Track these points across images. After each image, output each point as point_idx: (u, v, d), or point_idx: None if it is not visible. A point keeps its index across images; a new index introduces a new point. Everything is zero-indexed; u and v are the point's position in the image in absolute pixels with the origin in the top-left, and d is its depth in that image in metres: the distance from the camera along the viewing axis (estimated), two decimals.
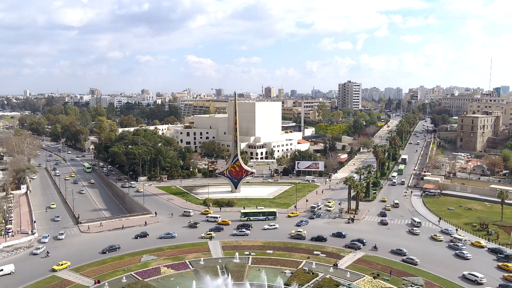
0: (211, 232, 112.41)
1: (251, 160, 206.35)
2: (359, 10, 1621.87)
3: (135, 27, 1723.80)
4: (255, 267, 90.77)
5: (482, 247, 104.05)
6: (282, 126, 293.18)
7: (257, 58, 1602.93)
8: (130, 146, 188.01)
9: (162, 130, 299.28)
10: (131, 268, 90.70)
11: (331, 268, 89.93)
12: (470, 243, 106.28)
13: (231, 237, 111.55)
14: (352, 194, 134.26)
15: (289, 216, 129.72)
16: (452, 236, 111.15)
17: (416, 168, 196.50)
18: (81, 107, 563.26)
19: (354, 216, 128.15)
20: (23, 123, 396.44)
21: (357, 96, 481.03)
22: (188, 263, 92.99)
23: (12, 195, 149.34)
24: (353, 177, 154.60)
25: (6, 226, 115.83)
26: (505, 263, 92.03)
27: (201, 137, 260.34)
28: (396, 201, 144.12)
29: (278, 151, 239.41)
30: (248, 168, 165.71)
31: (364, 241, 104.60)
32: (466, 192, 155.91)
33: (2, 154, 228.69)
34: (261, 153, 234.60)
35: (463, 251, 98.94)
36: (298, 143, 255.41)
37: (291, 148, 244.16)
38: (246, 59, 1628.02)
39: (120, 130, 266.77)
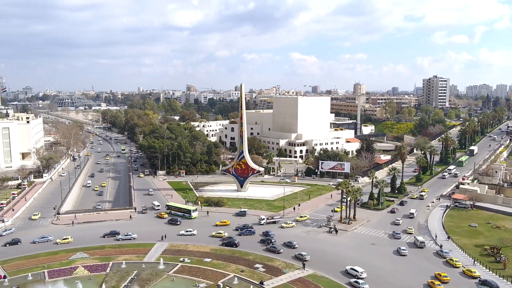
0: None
1: (276, 157, 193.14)
2: (477, 0, 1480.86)
3: (241, 26, 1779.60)
4: (173, 276, 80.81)
5: (473, 277, 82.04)
6: (335, 123, 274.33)
7: (362, 55, 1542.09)
8: (153, 140, 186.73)
9: (209, 125, 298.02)
10: (51, 265, 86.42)
11: (252, 287, 76.68)
12: (461, 271, 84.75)
13: (182, 239, 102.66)
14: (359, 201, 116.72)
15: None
16: (444, 259, 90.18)
17: (467, 175, 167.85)
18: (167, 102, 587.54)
19: (335, 227, 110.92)
20: (105, 116, 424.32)
21: (444, 92, 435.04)
22: (110, 265, 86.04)
23: (26, 183, 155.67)
24: (385, 180, 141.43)
25: None
26: None
27: None
28: (412, 211, 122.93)
29: (321, 150, 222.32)
30: (255, 166, 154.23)
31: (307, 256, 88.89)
32: (508, 207, 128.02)
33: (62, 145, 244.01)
34: (300, 151, 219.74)
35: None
36: (347, 141, 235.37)
37: (337, 147, 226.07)
38: (351, 55, 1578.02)
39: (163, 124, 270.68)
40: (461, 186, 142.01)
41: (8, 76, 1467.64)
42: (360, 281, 77.91)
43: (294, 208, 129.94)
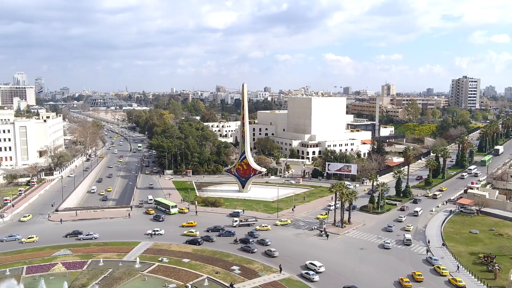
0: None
1: (284, 157, 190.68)
2: None
3: (274, 27, 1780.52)
4: (145, 276, 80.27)
5: (458, 287, 77.70)
6: (352, 125, 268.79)
7: (397, 55, 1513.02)
8: (162, 139, 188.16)
9: (229, 125, 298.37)
10: (33, 261, 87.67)
11: None
12: (447, 280, 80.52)
13: (170, 239, 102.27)
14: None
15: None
16: (432, 266, 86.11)
17: (480, 180, 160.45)
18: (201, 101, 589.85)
19: (326, 230, 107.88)
20: (130, 116, 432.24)
21: (473, 93, 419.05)
22: (88, 263, 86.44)
23: (35, 180, 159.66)
24: (386, 183, 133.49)
25: None
26: None
27: (260, 133, 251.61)
28: (417, 210, 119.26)
29: (334, 151, 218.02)
30: (257, 167, 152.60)
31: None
32: None
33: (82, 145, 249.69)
34: (313, 153, 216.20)
35: None
36: (363, 143, 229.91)
37: (351, 149, 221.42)
38: (386, 56, 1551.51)
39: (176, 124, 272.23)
40: (469, 190, 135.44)
41: (48, 77, 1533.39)
42: (311, 272, 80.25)
43: (292, 209, 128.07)
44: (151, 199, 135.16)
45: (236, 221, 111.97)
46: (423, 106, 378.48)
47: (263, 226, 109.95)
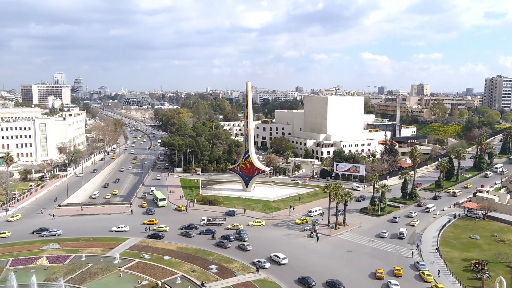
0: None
1: (300, 157, 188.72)
2: None
3: (309, 26, 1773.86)
4: (121, 272, 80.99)
5: None
6: (372, 125, 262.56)
7: (437, 54, 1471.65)
8: (173, 137, 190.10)
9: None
10: (21, 254, 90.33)
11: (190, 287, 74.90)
12: (430, 287, 77.11)
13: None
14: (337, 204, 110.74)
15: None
16: (418, 272, 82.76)
17: (497, 182, 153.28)
18: (229, 101, 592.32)
19: (316, 231, 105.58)
20: (157, 115, 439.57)
21: (508, 94, 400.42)
22: (71, 257, 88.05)
23: (47, 176, 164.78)
24: (387, 185, 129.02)
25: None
26: None
27: (276, 133, 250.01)
28: (414, 220, 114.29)
29: (350, 151, 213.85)
30: (261, 166, 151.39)
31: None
32: None
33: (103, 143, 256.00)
34: (328, 153, 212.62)
35: None
36: (380, 143, 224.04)
37: (368, 149, 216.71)
38: (425, 55, 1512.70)
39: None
40: (477, 194, 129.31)
41: (88, 77, 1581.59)
42: (262, 259, 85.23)
43: (293, 209, 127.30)
44: (152, 190, 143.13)
45: (203, 220, 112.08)
46: (452, 106, 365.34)
47: (234, 225, 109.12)
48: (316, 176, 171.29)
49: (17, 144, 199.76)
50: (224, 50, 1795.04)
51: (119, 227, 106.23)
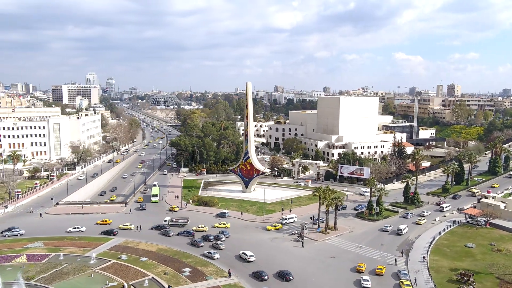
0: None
1: (306, 159, 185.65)
2: None
3: (340, 26, 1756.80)
4: (93, 273, 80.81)
5: None
6: (388, 126, 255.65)
7: (474, 54, 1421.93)
8: (181, 138, 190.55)
9: (266, 125, 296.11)
10: (3, 252, 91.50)
11: None
12: None
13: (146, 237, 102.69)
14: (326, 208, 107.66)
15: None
16: (399, 281, 79.08)
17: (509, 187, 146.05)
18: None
19: (302, 235, 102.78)
20: (178, 114, 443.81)
21: None
22: (50, 256, 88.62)
23: (54, 174, 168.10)
24: (384, 188, 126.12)
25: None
26: None
27: (289, 134, 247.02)
28: (404, 227, 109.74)
29: (362, 153, 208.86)
30: (260, 167, 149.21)
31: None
32: None
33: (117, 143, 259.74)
34: (339, 154, 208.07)
35: None
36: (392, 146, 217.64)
37: (382, 151, 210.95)
38: (461, 55, 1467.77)
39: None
40: (482, 200, 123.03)
41: (121, 77, 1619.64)
42: (213, 251, 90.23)
43: (290, 210, 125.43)
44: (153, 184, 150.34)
45: (166, 220, 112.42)
46: (479, 108, 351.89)
47: (199, 227, 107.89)
48: (321, 178, 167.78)
49: (31, 143, 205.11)
50: (255, 51, 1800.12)
51: (75, 228, 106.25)
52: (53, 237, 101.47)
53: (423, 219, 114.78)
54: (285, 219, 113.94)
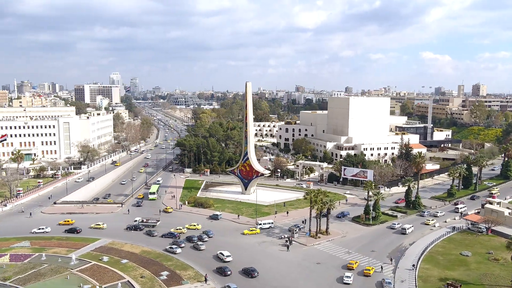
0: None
1: (317, 160, 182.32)
2: None
3: (365, 25, 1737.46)
4: (69, 275, 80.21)
5: None
6: (401, 127, 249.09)
7: (504, 53, 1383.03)
8: (186, 138, 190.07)
9: (277, 126, 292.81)
10: None
11: None
12: None
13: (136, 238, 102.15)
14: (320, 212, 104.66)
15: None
16: None
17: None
18: (270, 101, 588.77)
19: (289, 240, 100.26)
20: (194, 114, 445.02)
21: None
22: (33, 256, 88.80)
23: (59, 173, 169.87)
24: (381, 192, 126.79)
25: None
26: None
27: (299, 134, 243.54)
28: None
29: (371, 154, 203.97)
30: (260, 169, 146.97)
31: None
32: None
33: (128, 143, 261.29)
34: (341, 156, 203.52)
35: None
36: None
37: (392, 153, 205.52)
38: (491, 54, 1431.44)
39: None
40: (486, 206, 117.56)
41: (146, 77, 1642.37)
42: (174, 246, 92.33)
43: (287, 213, 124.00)
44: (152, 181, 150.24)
45: (136, 220, 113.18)
46: (501, 109, 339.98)
47: (177, 229, 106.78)
48: (324, 180, 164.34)
49: (42, 142, 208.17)
50: (280, 51, 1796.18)
51: (39, 229, 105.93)
52: (41, 237, 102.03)
53: (432, 220, 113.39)
54: (260, 223, 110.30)
